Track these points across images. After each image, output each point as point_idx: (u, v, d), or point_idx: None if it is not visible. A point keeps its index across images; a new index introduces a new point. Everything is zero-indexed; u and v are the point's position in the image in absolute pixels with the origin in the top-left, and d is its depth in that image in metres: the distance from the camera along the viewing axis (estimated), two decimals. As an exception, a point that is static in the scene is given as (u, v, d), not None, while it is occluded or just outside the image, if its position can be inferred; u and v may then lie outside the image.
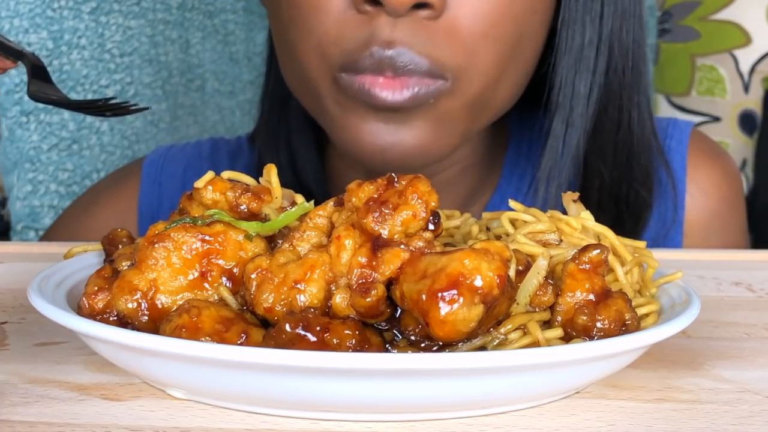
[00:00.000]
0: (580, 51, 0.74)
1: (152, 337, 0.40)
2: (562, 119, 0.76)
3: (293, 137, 0.86)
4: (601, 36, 0.75)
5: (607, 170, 0.79)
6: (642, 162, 0.80)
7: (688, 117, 1.52)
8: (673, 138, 0.88)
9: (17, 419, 0.41)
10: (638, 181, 0.80)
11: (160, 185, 0.92)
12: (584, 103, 0.75)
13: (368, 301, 0.42)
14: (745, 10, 1.51)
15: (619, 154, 0.79)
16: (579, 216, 0.53)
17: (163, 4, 1.33)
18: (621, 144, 0.79)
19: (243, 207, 0.49)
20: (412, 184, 0.44)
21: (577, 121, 0.76)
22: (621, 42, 0.76)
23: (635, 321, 0.45)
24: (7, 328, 0.54)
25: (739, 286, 0.68)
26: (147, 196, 0.92)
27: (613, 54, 0.76)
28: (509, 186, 0.86)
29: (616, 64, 0.76)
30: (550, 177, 0.76)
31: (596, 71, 0.75)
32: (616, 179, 0.79)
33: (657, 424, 0.42)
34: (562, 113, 0.76)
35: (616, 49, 0.76)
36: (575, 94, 0.75)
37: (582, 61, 0.75)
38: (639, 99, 0.79)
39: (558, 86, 0.75)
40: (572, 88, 0.75)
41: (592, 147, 0.78)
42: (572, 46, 0.74)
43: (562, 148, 0.76)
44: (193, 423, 0.41)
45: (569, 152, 0.76)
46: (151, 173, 0.93)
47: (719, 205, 0.88)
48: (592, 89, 0.75)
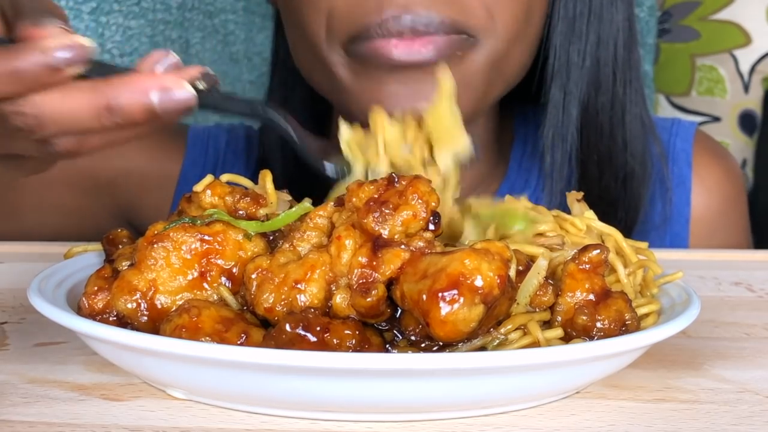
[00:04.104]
0: (572, 21, 0.77)
1: (152, 337, 0.40)
2: (559, 87, 0.78)
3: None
4: (591, 8, 0.78)
5: (604, 144, 0.80)
6: (634, 140, 0.82)
7: (688, 117, 1.52)
8: (678, 137, 0.89)
9: (17, 419, 0.41)
10: (633, 156, 0.81)
11: (207, 155, 0.93)
12: (578, 71, 0.78)
13: (368, 301, 0.42)
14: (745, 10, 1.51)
15: (614, 129, 0.81)
16: (583, 215, 0.53)
17: (163, 4, 1.33)
18: (616, 119, 0.80)
19: (241, 212, 0.49)
20: (413, 184, 0.44)
21: (573, 88, 0.78)
22: (611, 16, 0.79)
23: (635, 321, 0.45)
24: (7, 328, 0.54)
25: (739, 286, 0.68)
26: (192, 162, 0.92)
27: (603, 27, 0.78)
28: (518, 177, 0.86)
29: (607, 38, 0.79)
30: (554, 144, 0.78)
31: (588, 41, 0.78)
32: (612, 155, 0.81)
33: (657, 424, 0.42)
34: (559, 81, 0.78)
35: (606, 23, 0.78)
36: (570, 62, 0.78)
37: (574, 30, 0.78)
38: (631, 75, 0.81)
39: (553, 54, 0.78)
40: (567, 56, 0.78)
41: (588, 121, 0.80)
42: (565, 15, 0.77)
43: (562, 116, 0.78)
44: (193, 423, 0.41)
45: (569, 118, 0.78)
46: (197, 143, 0.93)
47: (724, 204, 0.89)
48: (585, 59, 0.78)
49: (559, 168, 0.78)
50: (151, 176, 0.91)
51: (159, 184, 0.91)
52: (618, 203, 0.81)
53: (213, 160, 0.93)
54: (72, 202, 0.90)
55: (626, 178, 0.81)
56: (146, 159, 0.91)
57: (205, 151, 0.93)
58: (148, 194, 0.91)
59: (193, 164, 0.92)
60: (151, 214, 0.89)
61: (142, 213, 0.91)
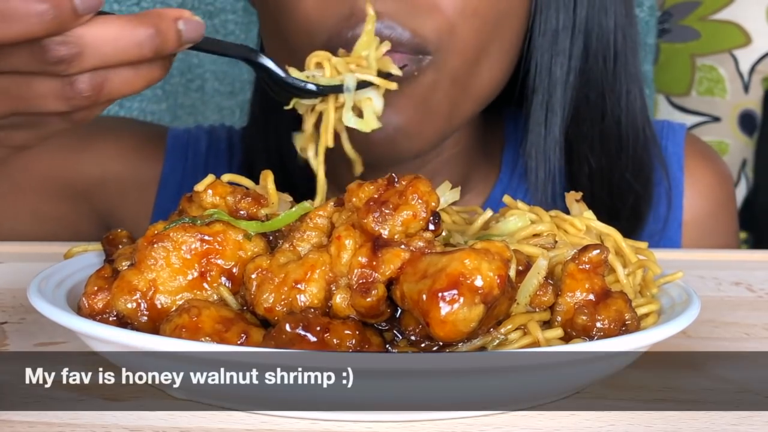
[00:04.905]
0: (555, 35, 0.75)
1: (152, 337, 0.40)
2: (540, 103, 0.77)
3: (283, 138, 0.86)
4: (576, 21, 0.76)
5: (595, 158, 0.79)
6: (633, 153, 0.81)
7: (688, 117, 1.52)
8: (668, 140, 0.89)
9: (17, 419, 0.41)
10: (630, 171, 0.80)
11: (186, 159, 0.92)
12: (562, 88, 0.76)
13: (368, 301, 0.42)
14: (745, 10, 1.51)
15: (606, 143, 0.80)
16: (582, 215, 0.53)
17: (162, 5, 1.33)
18: (608, 132, 0.79)
19: (242, 212, 0.49)
20: (413, 185, 0.44)
21: (556, 105, 0.77)
22: (601, 28, 0.77)
23: (635, 321, 0.45)
24: (7, 328, 0.54)
25: (739, 286, 0.68)
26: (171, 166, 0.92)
27: (591, 40, 0.77)
28: (510, 180, 0.86)
29: (596, 51, 0.77)
30: (537, 162, 0.77)
31: (572, 56, 0.76)
32: (606, 168, 0.80)
33: (657, 424, 0.42)
34: (540, 98, 0.77)
35: (594, 36, 0.77)
36: (552, 78, 0.76)
37: (557, 45, 0.76)
38: (628, 87, 0.79)
39: (534, 70, 0.76)
40: (549, 72, 0.76)
41: (577, 134, 0.78)
42: (546, 30, 0.75)
43: (545, 133, 0.77)
44: (193, 423, 0.41)
45: (552, 137, 0.77)
46: (176, 146, 0.93)
47: (715, 207, 0.89)
48: (569, 74, 0.76)
49: (543, 185, 0.77)
50: (128, 182, 0.90)
51: (138, 189, 0.90)
52: (620, 215, 0.81)
53: (193, 163, 0.92)
54: (49, 209, 0.90)
55: (623, 195, 0.81)
56: (122, 165, 0.90)
57: (185, 154, 0.92)
58: (127, 200, 0.91)
59: (172, 168, 0.92)
60: (130, 220, 0.88)
61: (122, 219, 0.90)
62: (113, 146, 0.91)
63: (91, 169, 0.90)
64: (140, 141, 0.93)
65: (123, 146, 0.92)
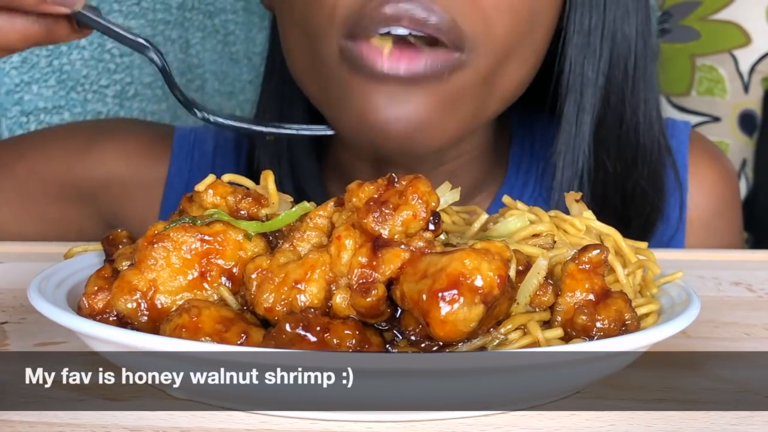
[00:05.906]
0: (587, 35, 0.75)
1: (152, 337, 0.40)
2: (573, 102, 0.76)
3: (293, 144, 0.85)
4: (605, 22, 0.76)
5: (611, 163, 0.79)
6: (648, 160, 0.80)
7: (688, 117, 1.52)
8: (673, 138, 0.88)
9: (17, 419, 0.41)
10: (645, 179, 0.80)
11: (192, 159, 0.92)
12: (593, 88, 0.76)
13: (368, 301, 0.42)
14: (745, 10, 1.51)
15: (623, 148, 0.79)
16: (582, 216, 0.53)
17: (163, 4, 1.33)
18: (625, 138, 0.79)
19: (243, 212, 0.49)
20: (413, 184, 0.44)
21: (587, 104, 0.76)
22: (624, 33, 0.77)
23: (635, 321, 0.45)
24: (7, 328, 0.54)
25: (739, 286, 0.68)
26: (178, 167, 0.91)
27: (616, 43, 0.77)
28: (516, 180, 0.86)
29: (618, 55, 0.77)
30: (565, 161, 0.77)
31: (601, 57, 0.76)
32: (620, 174, 0.80)
33: (657, 424, 0.42)
34: (573, 96, 0.76)
35: (619, 39, 0.77)
36: (585, 78, 0.76)
37: (589, 45, 0.75)
38: (646, 95, 0.79)
39: (568, 69, 0.76)
40: (582, 71, 0.76)
41: (596, 138, 0.78)
42: (581, 29, 0.75)
43: (575, 132, 0.77)
44: (193, 423, 0.41)
45: (582, 137, 0.77)
46: (183, 146, 0.92)
47: (720, 205, 0.89)
48: (598, 76, 0.76)
49: (567, 187, 0.77)
50: (134, 183, 0.90)
51: (144, 190, 0.90)
52: (631, 222, 0.80)
53: (199, 164, 0.92)
54: (55, 213, 0.90)
55: (636, 202, 0.81)
56: (128, 166, 0.90)
57: (191, 154, 0.92)
58: (133, 201, 0.90)
59: (179, 169, 0.91)
60: (137, 221, 0.88)
61: (127, 220, 0.90)
62: (118, 148, 0.91)
63: (97, 172, 0.90)
64: (145, 142, 0.93)
65: (128, 148, 0.91)
